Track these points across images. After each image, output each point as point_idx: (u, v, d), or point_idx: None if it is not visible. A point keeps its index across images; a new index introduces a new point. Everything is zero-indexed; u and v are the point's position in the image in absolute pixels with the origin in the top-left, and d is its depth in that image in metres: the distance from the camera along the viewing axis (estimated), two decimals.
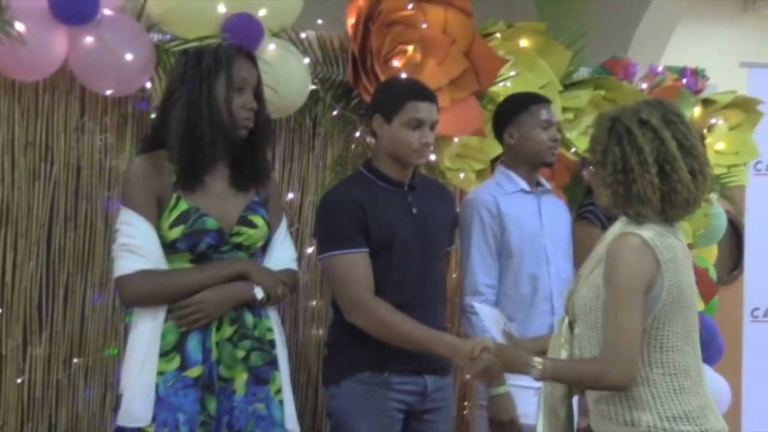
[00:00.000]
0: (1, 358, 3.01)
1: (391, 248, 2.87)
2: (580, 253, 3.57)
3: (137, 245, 2.57)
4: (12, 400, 3.03)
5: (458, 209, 3.33)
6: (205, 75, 2.62)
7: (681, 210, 2.39)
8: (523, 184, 3.32)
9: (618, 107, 2.50)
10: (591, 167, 2.53)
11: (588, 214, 3.65)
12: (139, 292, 2.58)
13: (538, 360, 2.41)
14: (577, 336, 2.46)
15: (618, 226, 2.44)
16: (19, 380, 3.03)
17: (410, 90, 2.96)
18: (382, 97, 3.01)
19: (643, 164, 2.33)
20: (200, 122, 2.60)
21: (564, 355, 2.46)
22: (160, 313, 2.59)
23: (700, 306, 3.79)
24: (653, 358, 2.35)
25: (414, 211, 2.95)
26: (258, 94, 2.70)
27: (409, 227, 2.92)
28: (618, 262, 2.33)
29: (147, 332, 2.58)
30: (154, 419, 2.55)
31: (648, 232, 2.35)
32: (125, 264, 2.57)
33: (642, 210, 2.36)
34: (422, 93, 2.95)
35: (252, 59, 2.73)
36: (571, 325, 2.49)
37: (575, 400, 2.62)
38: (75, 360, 3.11)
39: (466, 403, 3.77)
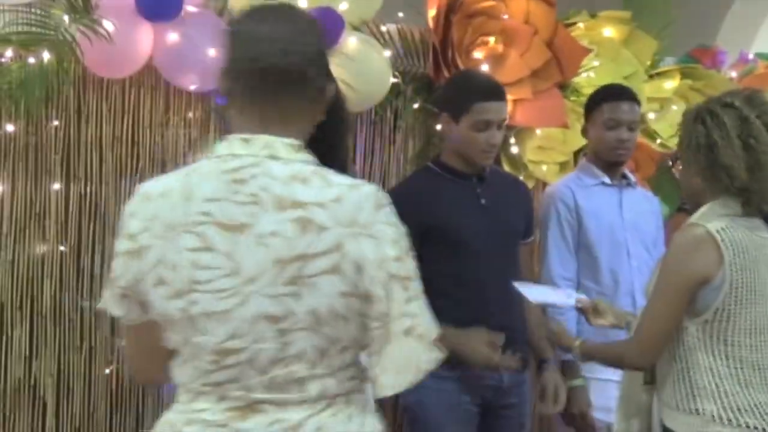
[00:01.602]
0: (91, 350, 3.09)
1: (460, 239, 2.80)
2: None
3: None
4: (101, 390, 3.10)
5: (539, 202, 3.29)
6: None
7: (766, 184, 2.34)
8: (604, 177, 3.26)
9: (704, 100, 2.50)
10: (679, 163, 2.53)
11: (688, 206, 3.60)
12: None
13: (577, 339, 2.64)
14: None
15: (694, 216, 2.41)
16: (107, 371, 3.10)
17: (478, 90, 2.88)
18: (450, 95, 2.97)
19: (726, 138, 2.32)
20: None
21: None
22: None
23: None
24: (717, 349, 2.33)
25: (483, 201, 2.91)
26: None
27: (479, 218, 2.88)
28: (673, 251, 2.36)
29: None
30: None
31: (717, 223, 2.32)
32: None
33: (729, 184, 2.32)
34: (491, 93, 2.86)
35: None
36: None
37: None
38: None
39: None
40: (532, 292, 2.80)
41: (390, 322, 1.60)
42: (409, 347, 1.61)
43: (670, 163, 4.09)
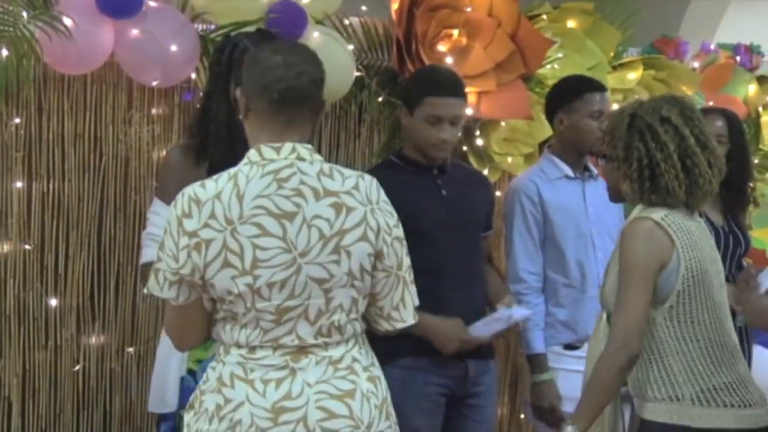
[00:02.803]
0: (57, 348, 3.07)
1: (422, 229, 2.79)
2: None
3: (160, 235, 2.58)
4: (68, 389, 3.09)
5: (504, 194, 3.30)
6: (221, 70, 2.62)
7: (701, 200, 2.51)
8: (568, 170, 3.27)
9: (633, 103, 2.55)
10: (606, 161, 2.59)
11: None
12: None
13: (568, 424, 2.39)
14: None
15: (633, 213, 2.50)
16: (74, 369, 3.09)
17: (432, 84, 2.89)
18: (407, 88, 3.01)
19: (668, 160, 2.42)
20: (211, 117, 2.61)
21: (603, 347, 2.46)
22: None
23: None
24: (685, 332, 2.41)
25: (444, 192, 2.93)
26: None
27: (439, 209, 2.90)
28: (628, 246, 2.42)
29: None
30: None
31: (659, 213, 2.42)
32: (147, 252, 2.63)
33: (668, 201, 2.44)
34: (444, 88, 2.87)
35: None
36: (609, 319, 2.50)
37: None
38: (128, 349, 3.16)
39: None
40: (480, 329, 2.87)
41: (398, 270, 2.17)
42: (413, 291, 2.24)
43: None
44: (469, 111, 3.29)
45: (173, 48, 2.89)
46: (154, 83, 3.02)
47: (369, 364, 2.18)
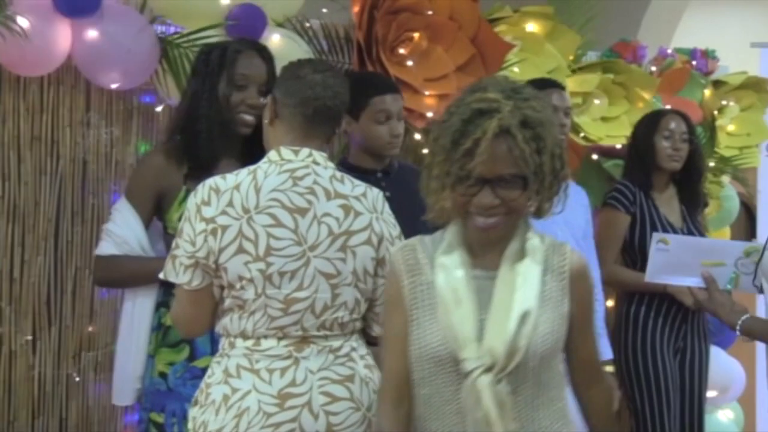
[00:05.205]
0: (12, 353, 3.01)
1: None
2: (604, 238, 3.59)
3: (115, 233, 2.69)
4: (23, 395, 3.03)
5: None
6: (210, 71, 2.66)
7: None
8: None
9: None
10: None
11: (612, 200, 3.67)
12: (103, 274, 2.73)
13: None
14: None
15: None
16: (29, 376, 3.03)
17: (373, 85, 2.98)
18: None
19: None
20: (199, 117, 2.64)
21: None
22: (140, 297, 2.70)
23: None
24: None
25: (388, 194, 2.94)
26: (269, 90, 2.69)
27: None
28: None
29: (127, 314, 2.73)
30: (163, 409, 2.62)
31: None
32: (101, 245, 2.71)
33: None
34: (386, 86, 3.00)
35: (264, 56, 2.73)
36: None
37: None
38: (85, 354, 3.11)
39: None
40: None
41: None
42: None
43: (595, 156, 4.16)
44: (430, 114, 3.29)
45: (132, 49, 2.86)
46: (113, 85, 2.98)
47: (366, 354, 2.30)
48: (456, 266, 1.96)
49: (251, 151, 2.61)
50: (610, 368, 3.46)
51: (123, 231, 2.67)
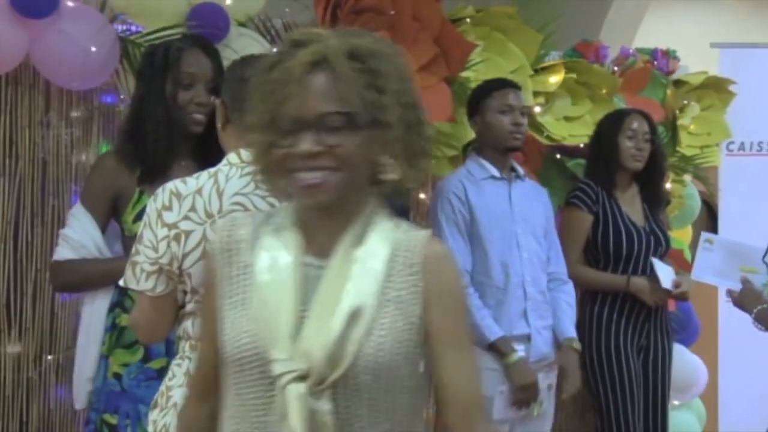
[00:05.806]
0: None
1: None
2: (567, 237, 3.61)
3: (72, 238, 2.69)
4: None
5: (429, 196, 3.32)
6: (155, 72, 2.64)
7: None
8: (493, 171, 3.31)
9: None
10: None
11: (575, 200, 3.68)
12: (61, 279, 2.75)
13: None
14: None
15: None
16: None
17: None
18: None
19: None
20: (147, 119, 2.63)
21: None
22: (97, 300, 2.71)
23: None
24: None
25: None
26: (216, 87, 2.67)
27: None
28: None
29: (86, 317, 2.74)
30: (116, 410, 2.62)
31: None
32: (58, 251, 2.72)
33: None
34: None
35: (209, 52, 2.71)
36: None
37: None
38: (46, 357, 3.07)
39: None
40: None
41: None
42: None
43: (558, 156, 4.18)
44: None
45: (92, 49, 2.82)
46: (73, 85, 2.95)
47: None
48: (282, 248, 1.59)
49: (205, 149, 2.60)
50: (578, 346, 3.44)
51: (80, 236, 2.67)
